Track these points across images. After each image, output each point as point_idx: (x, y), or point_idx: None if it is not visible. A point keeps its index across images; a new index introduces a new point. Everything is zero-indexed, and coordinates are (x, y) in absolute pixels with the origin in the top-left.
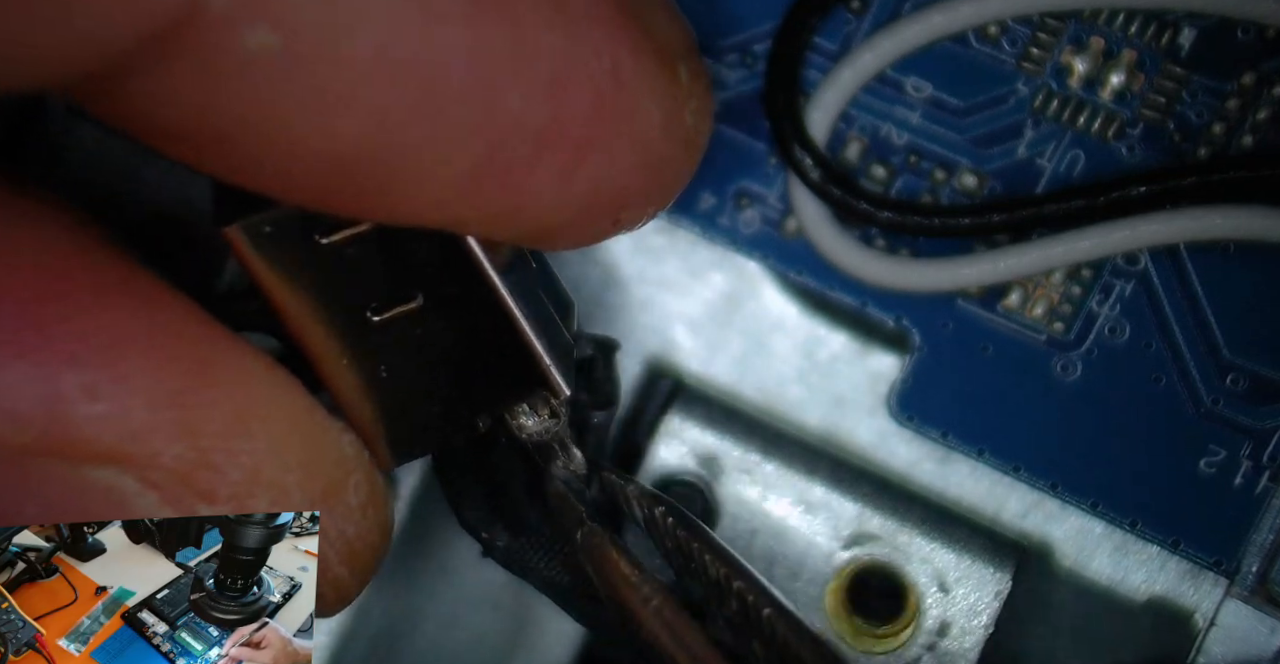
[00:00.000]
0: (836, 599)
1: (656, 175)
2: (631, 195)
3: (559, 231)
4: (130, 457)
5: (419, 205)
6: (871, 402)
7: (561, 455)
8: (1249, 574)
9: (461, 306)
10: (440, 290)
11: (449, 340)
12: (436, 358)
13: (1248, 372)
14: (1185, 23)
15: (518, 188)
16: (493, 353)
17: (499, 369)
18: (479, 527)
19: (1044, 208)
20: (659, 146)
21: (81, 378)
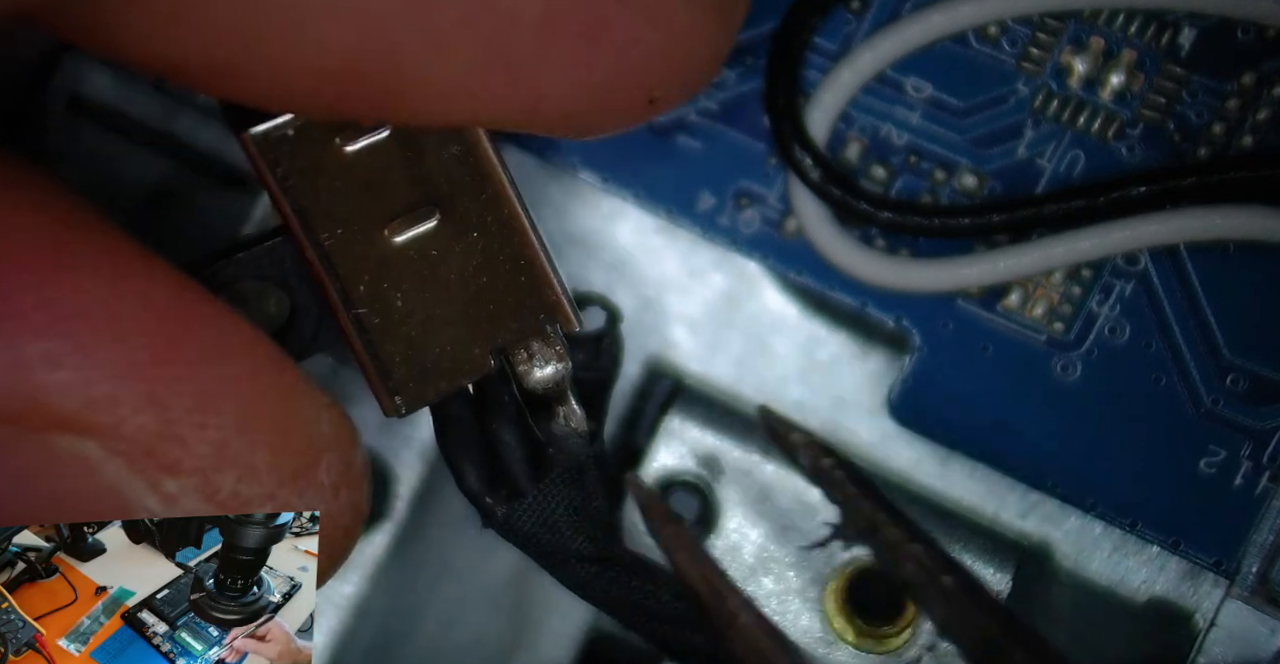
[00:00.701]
0: (837, 599)
1: (686, 49)
2: (660, 74)
3: (587, 119)
4: (93, 425)
5: (428, 106)
6: (872, 402)
7: (563, 409)
8: (1249, 574)
9: (478, 225)
10: (457, 207)
11: (463, 265)
12: (450, 286)
13: (1248, 372)
14: (1185, 23)
15: (529, 80)
16: (506, 279)
17: (511, 298)
18: (482, 493)
19: (1044, 208)
20: (682, 19)
21: (44, 346)
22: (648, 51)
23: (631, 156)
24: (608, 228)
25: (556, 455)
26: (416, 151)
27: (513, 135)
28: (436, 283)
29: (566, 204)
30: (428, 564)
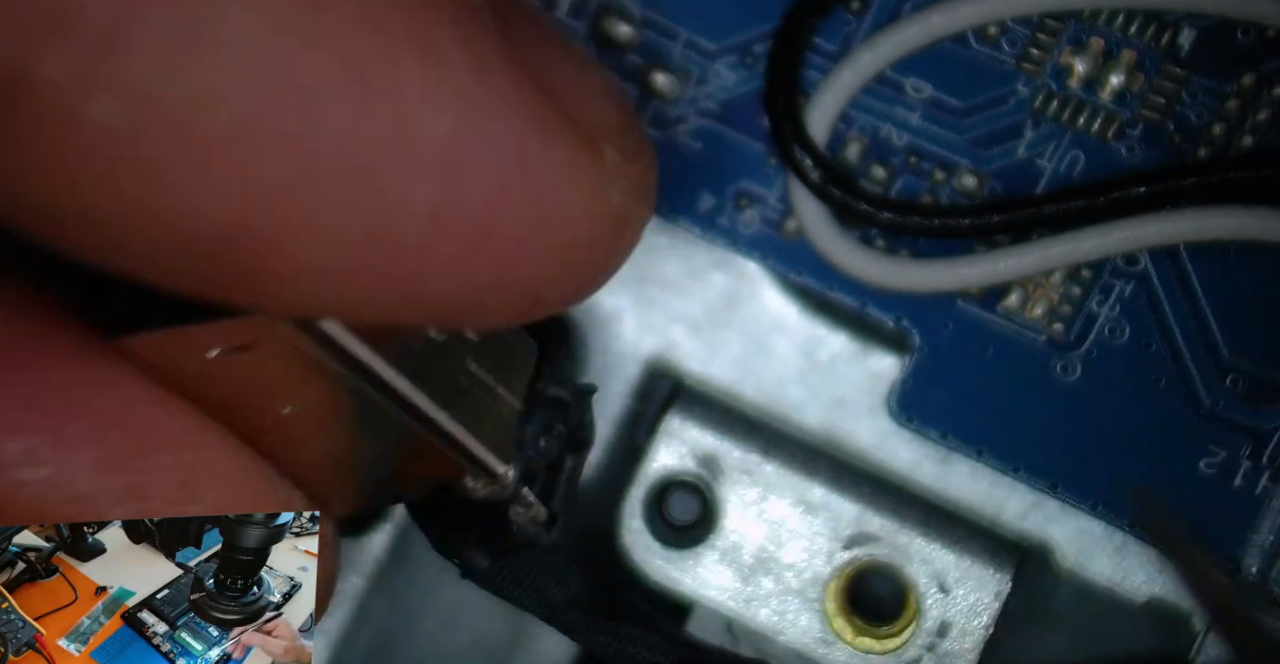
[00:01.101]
0: (836, 599)
1: (578, 256)
2: (550, 277)
3: (469, 314)
4: (74, 520)
5: (302, 287)
6: (871, 402)
7: (520, 507)
8: (1249, 575)
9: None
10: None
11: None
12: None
13: (1248, 372)
14: (1185, 23)
15: (411, 270)
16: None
17: (435, 448)
18: (454, 550)
19: (1044, 208)
20: (578, 227)
21: (24, 443)
22: (539, 254)
23: None
24: None
25: (518, 537)
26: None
27: None
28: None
29: None
30: (428, 564)
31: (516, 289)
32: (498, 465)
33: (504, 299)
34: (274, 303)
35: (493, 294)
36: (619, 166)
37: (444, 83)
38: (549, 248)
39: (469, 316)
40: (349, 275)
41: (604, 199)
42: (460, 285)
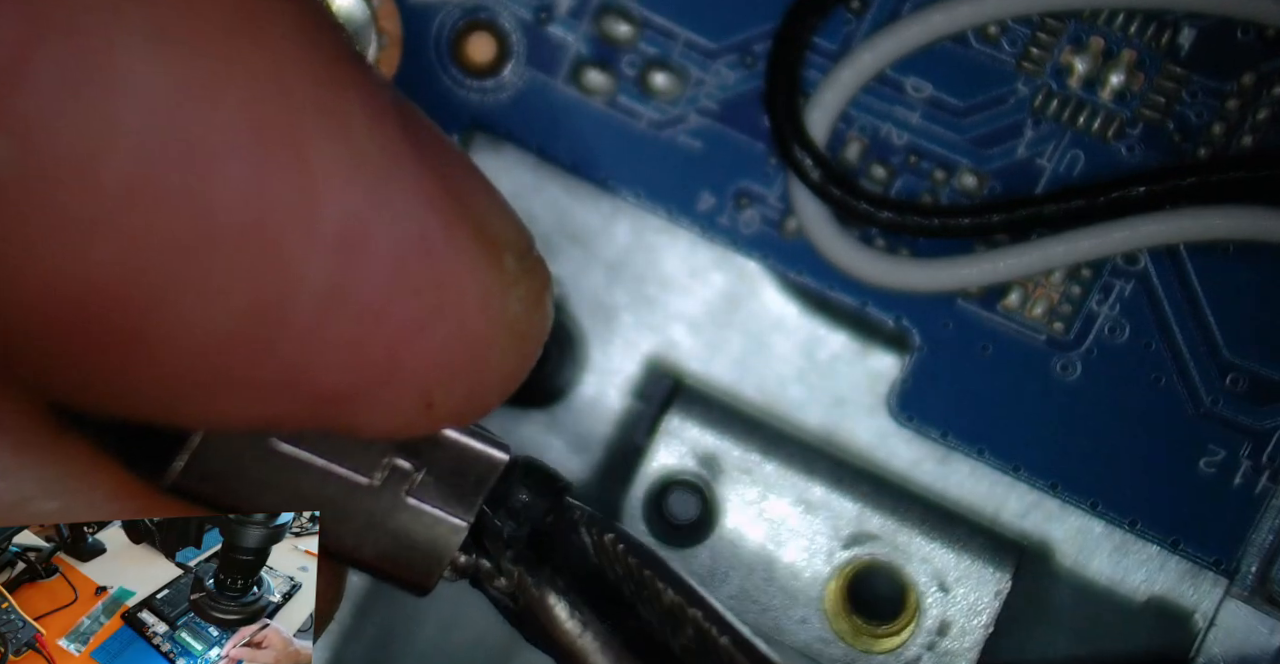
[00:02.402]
0: (836, 599)
1: (475, 359)
2: (443, 376)
3: (354, 410)
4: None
5: (176, 359)
6: (871, 401)
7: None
8: (1249, 574)
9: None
10: None
11: None
12: None
13: (1247, 372)
14: (1185, 23)
15: (299, 352)
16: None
17: None
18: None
19: (1044, 208)
20: (476, 328)
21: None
22: (435, 348)
23: (631, 156)
24: (607, 227)
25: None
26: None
27: (513, 129)
28: None
29: (566, 203)
30: None
31: (407, 385)
32: (420, 584)
33: (393, 396)
34: (137, 385)
35: (381, 388)
36: (517, 275)
37: (351, 156)
38: (444, 342)
39: (354, 414)
40: (229, 352)
41: (502, 303)
42: (348, 373)
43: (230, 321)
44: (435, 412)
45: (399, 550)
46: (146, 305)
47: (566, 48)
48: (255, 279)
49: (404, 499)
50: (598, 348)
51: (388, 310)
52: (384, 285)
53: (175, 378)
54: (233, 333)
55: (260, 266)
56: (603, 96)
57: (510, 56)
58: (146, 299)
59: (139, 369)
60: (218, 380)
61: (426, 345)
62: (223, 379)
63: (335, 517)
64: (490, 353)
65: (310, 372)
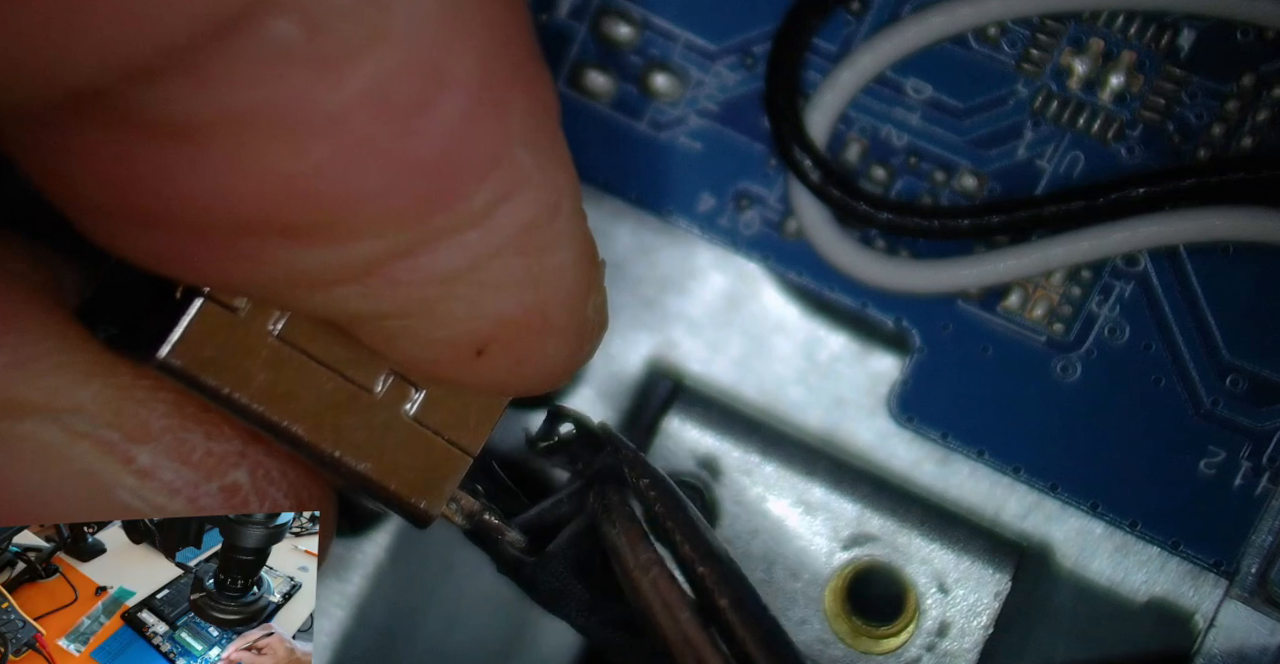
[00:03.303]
0: (836, 599)
1: (538, 337)
2: (506, 334)
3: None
4: (45, 403)
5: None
6: (871, 402)
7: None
8: (1249, 575)
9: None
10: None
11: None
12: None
13: (1247, 373)
14: (1184, 24)
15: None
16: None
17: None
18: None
19: (1043, 209)
20: (556, 306)
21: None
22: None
23: (632, 158)
24: (608, 228)
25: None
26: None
27: None
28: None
29: None
30: (429, 564)
31: (470, 325)
32: (426, 514)
33: (455, 320)
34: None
35: (447, 315)
36: (600, 284)
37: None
38: (523, 305)
39: (408, 326)
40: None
41: (583, 301)
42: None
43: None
44: (481, 362)
45: (396, 470)
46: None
47: (567, 49)
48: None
49: (403, 417)
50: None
51: (499, 256)
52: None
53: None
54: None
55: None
56: (603, 98)
57: None
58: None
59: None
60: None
61: (510, 299)
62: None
63: (327, 423)
64: (552, 340)
65: (410, 285)
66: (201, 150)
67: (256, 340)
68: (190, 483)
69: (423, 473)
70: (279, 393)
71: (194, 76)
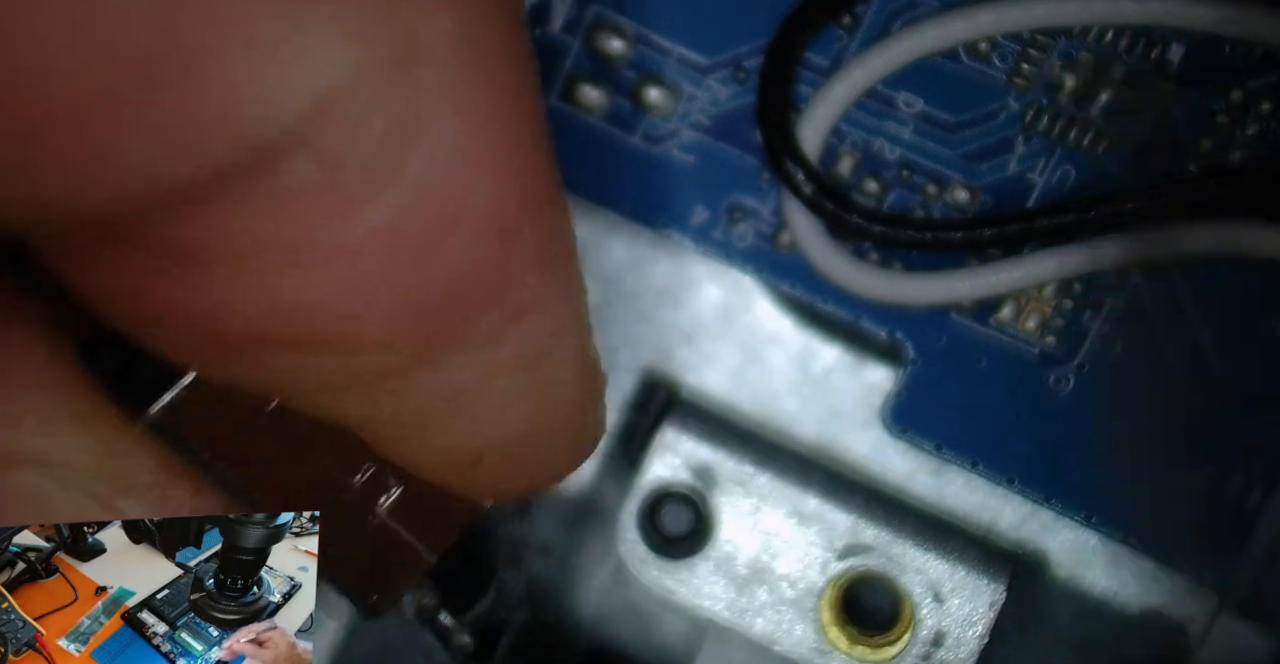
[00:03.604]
0: (831, 610)
1: (537, 445)
2: (504, 444)
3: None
4: (38, 457)
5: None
6: (866, 414)
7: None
8: (1242, 587)
9: None
10: None
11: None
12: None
13: (1239, 386)
14: (1174, 40)
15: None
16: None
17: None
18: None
19: (1036, 222)
20: (556, 423)
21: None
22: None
23: (625, 171)
24: (601, 241)
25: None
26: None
27: None
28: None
29: None
30: None
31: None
32: (370, 605)
33: (454, 433)
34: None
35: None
36: (599, 396)
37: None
38: (522, 415)
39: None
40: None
41: (585, 416)
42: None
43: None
44: (478, 472)
45: (353, 559)
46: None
47: (560, 63)
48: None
49: (377, 511)
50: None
51: (502, 373)
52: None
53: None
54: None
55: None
56: (596, 112)
57: None
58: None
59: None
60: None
61: (510, 416)
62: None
63: (299, 504)
64: (550, 446)
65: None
66: (211, 274)
67: (248, 417)
68: None
69: (380, 567)
70: (259, 468)
71: (210, 206)
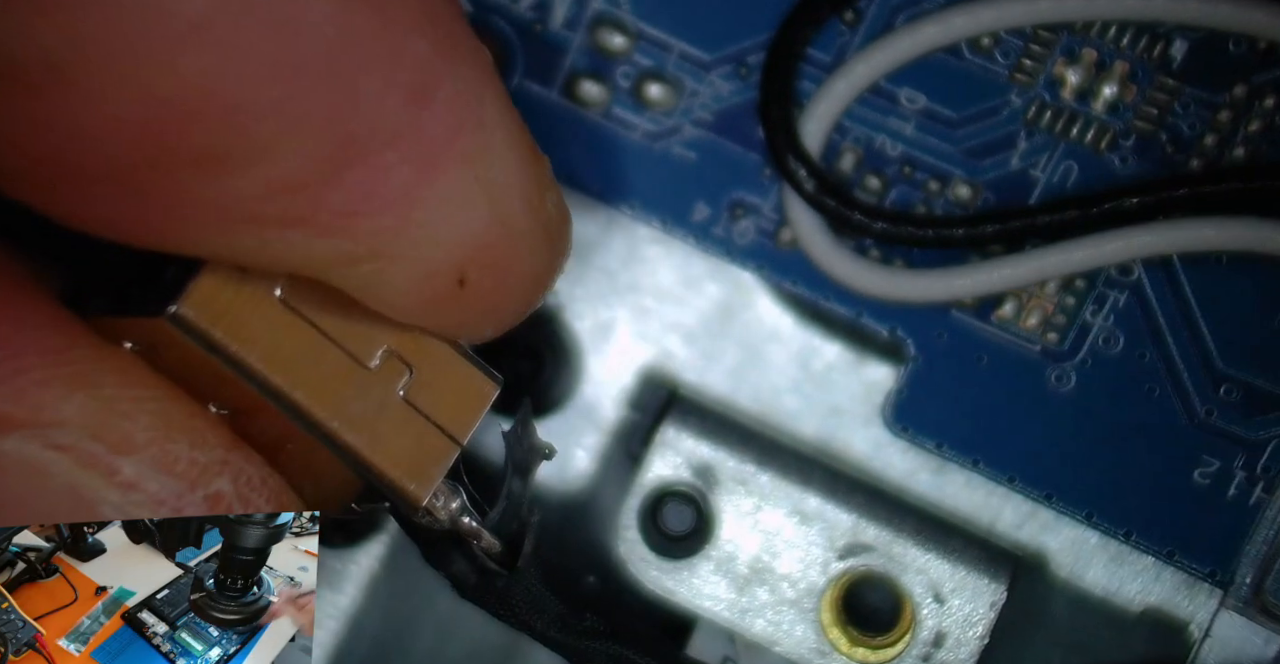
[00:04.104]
0: (831, 610)
1: (511, 247)
2: (480, 254)
3: (393, 260)
4: (28, 419)
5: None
6: (867, 412)
7: (474, 539)
8: (1243, 585)
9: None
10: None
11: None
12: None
13: (1241, 382)
14: (1177, 35)
15: (358, 193)
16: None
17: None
18: (441, 563)
19: (1037, 219)
20: (515, 211)
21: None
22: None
23: (626, 167)
24: (603, 238)
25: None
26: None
27: None
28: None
29: None
30: (422, 577)
31: (445, 251)
32: (416, 498)
33: (430, 259)
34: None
35: (421, 246)
36: (552, 181)
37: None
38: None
39: (390, 269)
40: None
41: (540, 201)
42: (397, 223)
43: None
44: (466, 291)
45: (388, 450)
46: (226, 126)
47: (562, 59)
48: (331, 115)
49: (397, 396)
50: (593, 358)
51: (440, 171)
52: (441, 145)
53: (236, 207)
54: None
55: (337, 103)
56: (597, 108)
57: (505, 68)
58: (227, 120)
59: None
60: (273, 215)
61: (469, 217)
62: (278, 215)
63: (326, 392)
64: (524, 246)
65: (358, 219)
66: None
67: (262, 301)
68: (175, 493)
69: (413, 456)
70: (282, 357)
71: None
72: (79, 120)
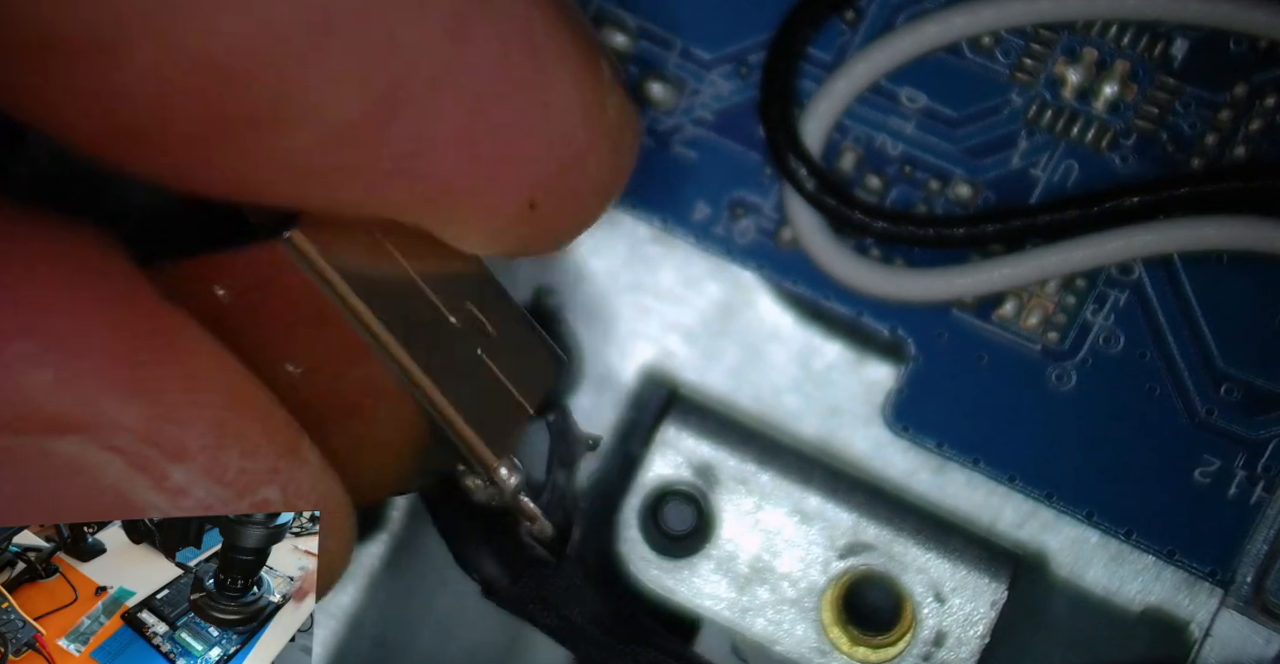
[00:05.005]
0: (832, 609)
1: (576, 163)
2: (546, 176)
3: (462, 199)
4: (88, 422)
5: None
6: (867, 411)
7: (526, 521)
8: (1244, 584)
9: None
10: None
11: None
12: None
13: (1242, 382)
14: (1178, 34)
15: (411, 135)
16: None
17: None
18: (474, 565)
19: (1038, 218)
20: (576, 129)
21: (22, 347)
22: (538, 144)
23: None
24: (603, 237)
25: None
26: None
27: None
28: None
29: None
30: (424, 575)
31: (511, 181)
32: (491, 458)
33: (498, 191)
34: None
35: (487, 181)
36: (612, 83)
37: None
38: (547, 142)
39: (460, 207)
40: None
41: (601, 109)
42: (456, 163)
43: (350, 106)
44: (537, 213)
45: (470, 409)
46: (274, 85)
47: None
48: (372, 63)
49: (478, 355)
50: (593, 358)
51: (494, 102)
52: (490, 77)
53: (298, 160)
54: (352, 117)
55: (376, 52)
56: None
57: None
58: (274, 78)
59: (267, 151)
60: (336, 164)
61: (530, 143)
62: (340, 164)
63: (419, 343)
64: (589, 160)
65: (421, 160)
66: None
67: (362, 238)
68: (221, 500)
69: (490, 417)
70: (380, 294)
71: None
72: (132, 89)
